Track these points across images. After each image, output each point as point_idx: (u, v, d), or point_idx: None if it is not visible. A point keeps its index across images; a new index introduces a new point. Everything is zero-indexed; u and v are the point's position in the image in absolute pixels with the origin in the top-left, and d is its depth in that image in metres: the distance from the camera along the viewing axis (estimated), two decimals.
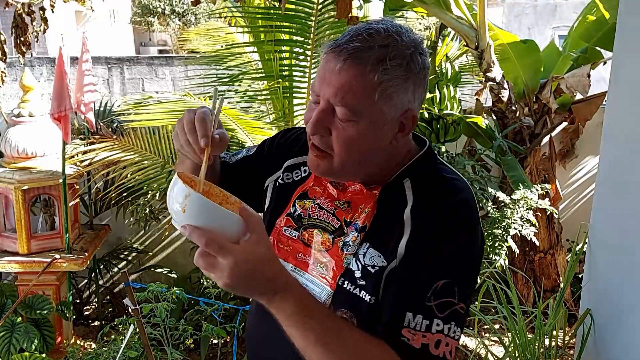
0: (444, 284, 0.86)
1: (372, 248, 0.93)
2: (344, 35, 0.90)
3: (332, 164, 0.93)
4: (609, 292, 2.21)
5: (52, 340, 2.73)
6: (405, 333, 0.84)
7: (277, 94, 3.08)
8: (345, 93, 0.87)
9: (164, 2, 18.31)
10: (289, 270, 1.00)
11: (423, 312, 0.85)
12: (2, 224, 2.92)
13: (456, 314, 0.86)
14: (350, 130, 0.89)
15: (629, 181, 2.06)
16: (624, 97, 2.17)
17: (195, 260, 0.77)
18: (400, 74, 0.88)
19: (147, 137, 3.14)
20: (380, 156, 0.94)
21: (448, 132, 3.31)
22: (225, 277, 0.75)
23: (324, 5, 2.92)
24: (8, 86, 6.92)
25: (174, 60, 9.37)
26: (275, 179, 1.11)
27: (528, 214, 2.87)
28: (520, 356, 2.33)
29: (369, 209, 0.95)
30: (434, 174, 0.97)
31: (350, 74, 0.87)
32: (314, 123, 0.91)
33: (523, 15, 13.69)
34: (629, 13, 2.12)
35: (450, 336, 0.85)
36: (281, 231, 1.04)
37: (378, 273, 0.90)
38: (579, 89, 3.29)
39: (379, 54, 0.86)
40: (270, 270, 0.78)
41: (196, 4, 2.74)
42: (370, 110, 0.88)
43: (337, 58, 0.88)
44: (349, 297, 0.93)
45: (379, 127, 0.90)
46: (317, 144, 0.93)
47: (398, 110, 0.90)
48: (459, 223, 0.90)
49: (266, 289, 0.79)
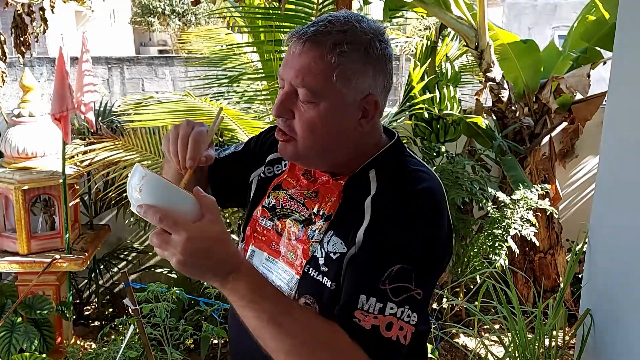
0: (399, 269, 0.87)
1: (335, 236, 0.95)
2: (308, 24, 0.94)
3: (297, 147, 0.96)
4: (609, 292, 2.21)
5: (52, 341, 2.73)
6: (357, 314, 0.85)
7: (276, 94, 3.08)
8: (305, 74, 0.91)
9: (164, 2, 18.32)
10: (264, 259, 1.04)
11: (377, 295, 0.86)
12: (2, 224, 2.91)
13: (412, 299, 0.87)
14: (311, 112, 0.92)
15: (629, 181, 2.06)
16: (624, 97, 2.17)
17: (150, 239, 0.79)
18: (357, 58, 0.91)
19: (147, 137, 3.14)
20: (345, 143, 0.97)
21: (448, 132, 3.31)
22: (178, 253, 0.77)
23: (324, 5, 2.92)
24: (8, 86, 6.92)
25: (174, 61, 9.38)
26: (258, 173, 1.15)
27: (528, 214, 2.87)
28: (520, 356, 2.33)
29: (334, 198, 0.98)
30: (399, 164, 0.99)
31: (309, 56, 0.90)
32: (277, 105, 0.95)
33: (523, 15, 13.68)
34: (629, 13, 2.11)
35: (404, 320, 0.86)
36: (257, 221, 1.08)
37: (339, 259, 0.93)
38: (579, 89, 3.29)
39: (336, 38, 0.90)
40: (224, 250, 0.80)
41: (196, 4, 2.75)
42: (329, 91, 0.91)
43: (297, 42, 0.92)
44: (312, 283, 0.95)
45: (340, 110, 0.93)
46: (281, 127, 0.96)
47: (358, 94, 0.93)
48: (418, 211, 0.91)
49: (219, 269, 0.80)
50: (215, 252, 0.79)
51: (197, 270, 0.79)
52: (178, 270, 0.79)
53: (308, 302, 0.96)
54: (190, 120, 1.00)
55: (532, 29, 12.96)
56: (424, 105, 3.22)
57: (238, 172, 1.17)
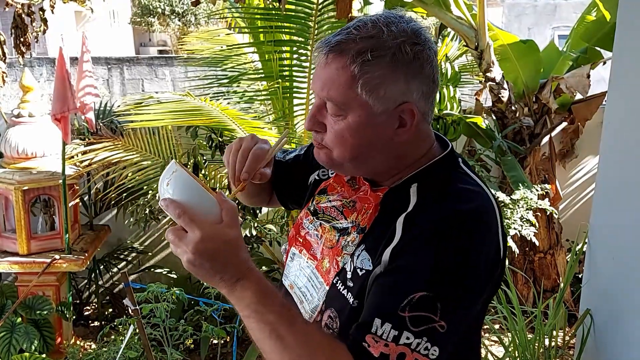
0: (422, 297, 0.80)
1: (365, 251, 0.91)
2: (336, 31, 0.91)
3: (332, 157, 0.93)
4: (609, 292, 2.21)
5: (52, 341, 2.73)
6: (368, 339, 0.80)
7: (276, 95, 3.08)
8: (329, 87, 0.87)
9: (164, 2, 18.31)
10: (303, 263, 1.01)
11: (393, 321, 0.80)
12: (2, 224, 2.92)
13: (433, 331, 0.79)
14: (340, 125, 0.89)
15: (629, 181, 2.06)
16: (624, 97, 2.16)
17: (166, 235, 0.79)
18: (384, 65, 0.85)
19: (147, 137, 3.14)
20: (382, 153, 0.91)
21: (448, 132, 3.31)
22: (189, 252, 0.76)
23: (324, 5, 2.92)
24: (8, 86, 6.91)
25: (173, 61, 9.36)
26: (315, 175, 1.13)
27: (528, 214, 2.86)
28: (520, 356, 2.33)
29: (370, 210, 0.94)
30: (445, 180, 0.92)
31: (332, 68, 0.87)
32: (309, 119, 0.93)
33: (523, 15, 13.68)
34: (629, 13, 2.11)
35: (421, 353, 0.79)
36: (301, 224, 1.05)
37: (364, 277, 0.88)
38: (579, 89, 3.29)
39: (360, 46, 0.85)
40: (235, 255, 0.79)
41: (196, 4, 2.74)
42: (355, 103, 0.87)
43: (322, 53, 0.89)
44: (338, 296, 0.92)
45: (369, 121, 0.88)
46: (314, 139, 0.95)
47: (390, 103, 0.87)
48: (453, 234, 0.83)
49: (228, 274, 0.79)
50: (225, 255, 0.78)
51: (206, 271, 0.78)
52: (188, 269, 0.79)
53: (331, 316, 0.92)
54: (255, 136, 0.99)
55: (532, 29, 12.95)
56: None
57: (300, 175, 1.15)
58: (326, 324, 0.93)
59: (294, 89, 3.11)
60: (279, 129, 3.14)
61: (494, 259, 0.88)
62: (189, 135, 3.03)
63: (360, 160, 0.92)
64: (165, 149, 3.13)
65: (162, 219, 3.41)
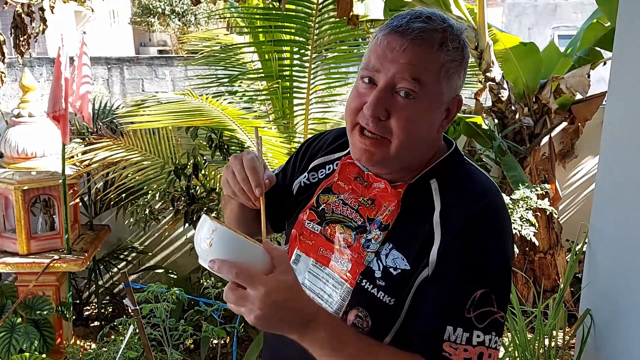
0: (482, 294, 0.84)
1: (395, 249, 0.91)
2: (399, 18, 0.90)
3: (389, 150, 0.91)
4: (609, 292, 2.21)
5: (52, 341, 2.73)
6: (447, 348, 0.83)
7: (277, 94, 3.08)
8: (415, 67, 0.87)
9: (164, 2, 18.31)
10: (310, 264, 1.00)
11: (463, 324, 0.84)
12: (2, 224, 2.91)
13: (496, 323, 0.85)
14: (410, 110, 0.88)
15: (629, 181, 2.06)
16: (624, 97, 2.16)
17: (225, 295, 0.77)
18: (458, 57, 0.90)
19: (147, 137, 3.14)
20: (425, 145, 0.94)
21: (448, 132, 3.31)
22: (257, 309, 0.75)
23: (324, 5, 2.92)
24: (8, 86, 6.92)
25: (173, 61, 9.37)
26: (301, 180, 1.11)
27: (528, 214, 2.86)
28: (520, 356, 2.33)
29: (392, 207, 0.94)
30: (461, 175, 0.95)
31: (418, 52, 0.87)
32: (375, 103, 0.88)
33: (523, 16, 13.68)
34: (629, 13, 2.11)
35: (492, 347, 0.84)
36: (304, 224, 1.03)
37: (401, 276, 0.89)
38: (579, 89, 3.29)
39: (441, 36, 0.88)
40: (300, 300, 0.79)
41: (196, 4, 2.74)
42: (435, 87, 0.89)
43: (402, 38, 0.88)
44: (366, 296, 0.91)
45: (437, 108, 0.91)
46: (372, 129, 0.90)
47: (452, 94, 0.92)
48: (490, 227, 0.88)
49: (297, 320, 0.78)
50: (292, 302, 0.77)
51: (276, 323, 0.77)
52: (255, 325, 0.78)
53: (360, 315, 0.92)
54: (235, 155, 0.99)
55: (532, 29, 12.95)
56: None
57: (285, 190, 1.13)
58: (354, 323, 0.92)
59: (294, 88, 3.11)
60: (279, 129, 3.14)
61: (513, 239, 0.96)
62: (189, 135, 3.03)
63: (410, 151, 0.92)
64: (165, 149, 3.13)
65: (162, 219, 3.41)
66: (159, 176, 3.04)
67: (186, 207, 2.99)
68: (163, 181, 3.01)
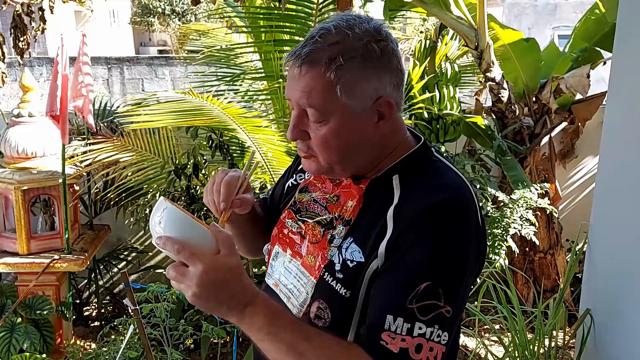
0: (427, 286, 0.83)
1: (354, 243, 0.93)
2: (302, 41, 0.93)
3: (320, 164, 0.95)
4: (608, 292, 2.21)
5: (52, 341, 2.73)
6: (385, 337, 0.83)
7: (277, 94, 3.08)
8: (309, 95, 0.90)
9: (164, 2, 18.31)
10: (286, 260, 1.04)
11: (404, 315, 0.83)
12: (2, 224, 2.91)
13: (440, 316, 0.83)
14: (323, 130, 0.92)
15: (629, 181, 2.06)
16: (624, 97, 2.16)
17: (167, 272, 0.80)
18: (355, 66, 0.89)
19: (147, 137, 3.14)
20: (367, 148, 0.95)
21: (448, 132, 3.31)
22: (194, 286, 0.77)
23: (324, 5, 2.92)
24: (8, 86, 6.91)
25: (173, 60, 9.38)
26: (289, 181, 1.16)
27: (528, 213, 2.87)
28: (520, 356, 2.33)
29: (354, 202, 0.97)
30: (426, 170, 0.95)
31: (308, 77, 0.90)
32: (291, 129, 0.95)
33: (523, 15, 13.69)
34: (629, 13, 2.11)
35: (434, 340, 0.83)
36: (284, 223, 1.08)
37: (356, 268, 0.91)
38: (579, 89, 3.29)
39: (330, 52, 0.89)
40: (239, 282, 0.80)
41: (196, 3, 2.75)
42: (337, 107, 0.90)
43: (295, 64, 0.91)
44: (327, 288, 0.94)
45: (351, 122, 0.92)
46: (300, 148, 0.97)
47: (367, 101, 0.91)
48: (445, 223, 0.87)
49: (235, 302, 0.80)
50: (231, 284, 0.79)
51: (213, 303, 0.79)
52: (193, 303, 0.79)
53: (321, 307, 0.94)
54: (224, 169, 1.02)
55: (532, 29, 12.96)
56: (423, 105, 3.22)
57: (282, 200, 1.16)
58: (316, 315, 0.95)
59: None
60: (278, 127, 3.14)
61: (477, 237, 0.91)
62: (189, 135, 3.03)
63: (348, 160, 0.95)
64: (165, 149, 3.13)
65: None
66: (159, 176, 3.04)
67: (186, 207, 2.99)
68: (163, 181, 3.01)
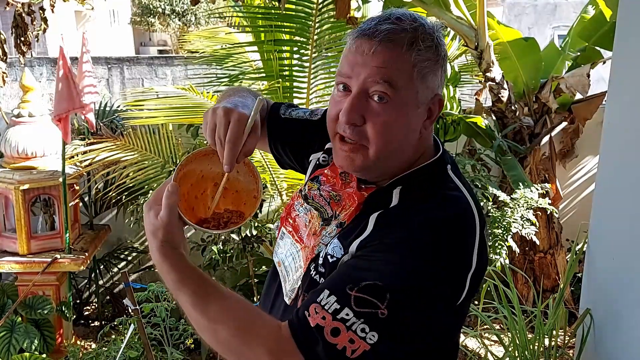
0: (374, 285, 0.81)
1: (338, 240, 0.94)
2: (368, 21, 0.90)
3: (368, 156, 0.90)
4: (608, 292, 2.21)
5: (52, 341, 2.73)
6: (311, 308, 0.82)
7: (277, 94, 3.08)
8: (386, 69, 0.86)
9: (164, 2, 18.31)
10: (289, 244, 1.04)
11: (339, 295, 0.81)
12: (2, 224, 2.91)
13: (374, 316, 0.80)
14: (385, 114, 0.87)
15: (629, 181, 2.06)
16: (624, 97, 2.17)
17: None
18: (431, 56, 0.88)
19: (147, 136, 3.14)
20: (409, 146, 0.92)
21: (448, 132, 3.31)
22: (147, 204, 0.93)
23: (324, 5, 2.92)
24: (8, 86, 6.91)
25: (174, 60, 9.38)
26: (318, 157, 1.10)
27: (528, 213, 2.87)
28: (520, 356, 2.33)
29: (352, 208, 0.96)
30: (428, 185, 0.92)
31: (388, 54, 0.86)
32: (349, 110, 0.88)
33: (523, 15, 13.69)
34: (629, 12, 2.11)
35: (357, 334, 0.79)
36: (293, 206, 1.07)
37: (334, 263, 0.92)
38: (579, 89, 3.29)
39: (411, 35, 0.87)
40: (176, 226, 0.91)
41: (196, 3, 2.75)
42: (409, 89, 0.88)
43: (370, 41, 0.87)
44: (311, 281, 0.95)
45: (413, 110, 0.89)
46: (349, 136, 0.90)
47: (429, 94, 0.90)
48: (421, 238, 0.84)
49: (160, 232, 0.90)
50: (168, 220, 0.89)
51: (148, 225, 0.91)
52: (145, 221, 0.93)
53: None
54: (226, 109, 0.91)
55: (532, 29, 12.95)
56: None
57: (303, 141, 1.13)
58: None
59: (294, 88, 3.11)
60: None
61: (467, 266, 0.86)
62: (189, 134, 3.03)
63: (392, 155, 0.91)
64: (166, 148, 3.13)
65: None
66: (159, 176, 3.04)
67: None
68: (163, 180, 3.00)
